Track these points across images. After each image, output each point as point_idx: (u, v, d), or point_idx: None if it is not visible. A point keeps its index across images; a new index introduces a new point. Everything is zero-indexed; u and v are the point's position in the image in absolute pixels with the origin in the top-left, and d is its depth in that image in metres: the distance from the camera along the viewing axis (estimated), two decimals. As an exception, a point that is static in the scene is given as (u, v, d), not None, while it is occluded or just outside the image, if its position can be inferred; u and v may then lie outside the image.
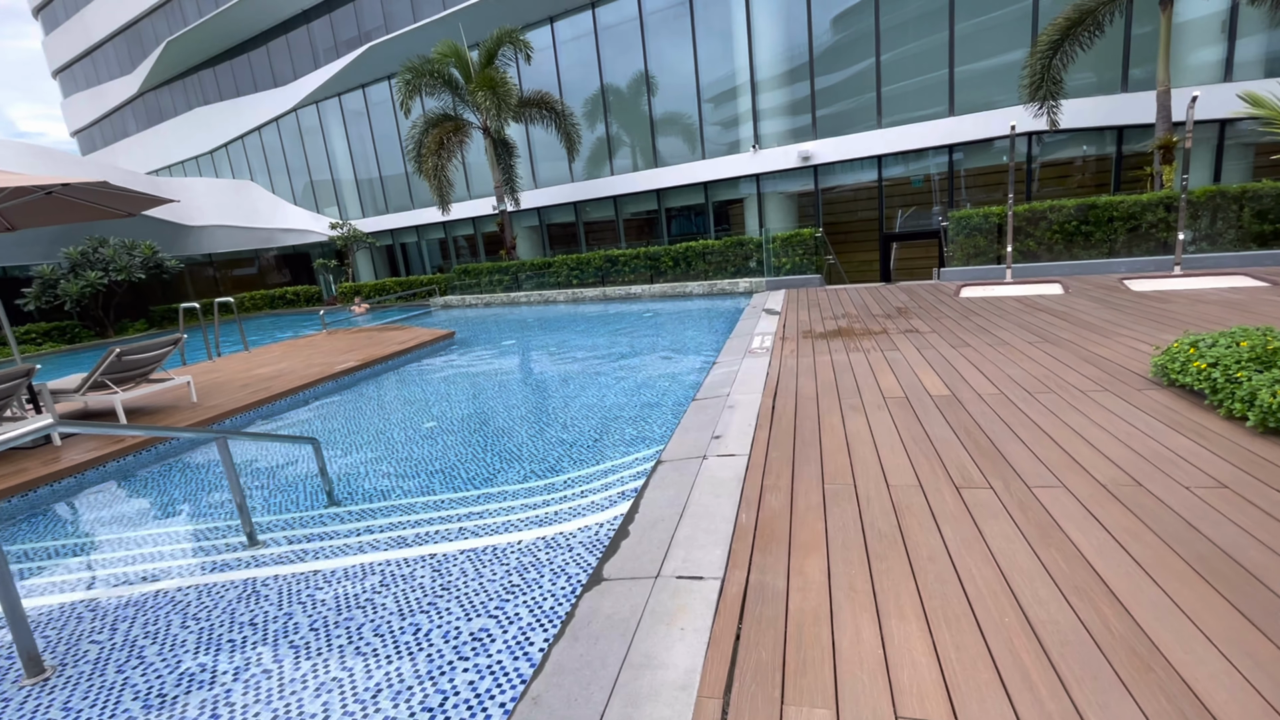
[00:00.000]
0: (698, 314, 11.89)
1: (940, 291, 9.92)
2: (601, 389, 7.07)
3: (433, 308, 18.55)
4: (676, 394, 6.55)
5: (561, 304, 15.83)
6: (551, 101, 17.78)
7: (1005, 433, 3.89)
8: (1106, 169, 14.17)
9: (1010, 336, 6.40)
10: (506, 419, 6.38)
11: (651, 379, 7.29)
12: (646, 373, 7.62)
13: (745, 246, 13.59)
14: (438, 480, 4.85)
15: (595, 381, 7.48)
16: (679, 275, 14.51)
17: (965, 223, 10.63)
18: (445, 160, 16.56)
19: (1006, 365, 5.37)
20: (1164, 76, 10.44)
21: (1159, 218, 9.39)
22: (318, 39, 27.13)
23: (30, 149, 23.55)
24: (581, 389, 7.24)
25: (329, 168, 28.71)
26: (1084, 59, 11.88)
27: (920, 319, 7.88)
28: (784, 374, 5.88)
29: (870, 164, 16.36)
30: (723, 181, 18.78)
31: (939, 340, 6.57)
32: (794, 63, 16.98)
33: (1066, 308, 7.58)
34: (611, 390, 6.96)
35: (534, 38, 21.14)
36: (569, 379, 7.80)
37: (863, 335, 7.25)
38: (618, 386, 7.09)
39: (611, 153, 20.68)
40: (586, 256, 15.66)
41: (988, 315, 7.68)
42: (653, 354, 8.69)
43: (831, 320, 8.49)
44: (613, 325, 11.75)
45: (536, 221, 23.11)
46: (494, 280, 17.54)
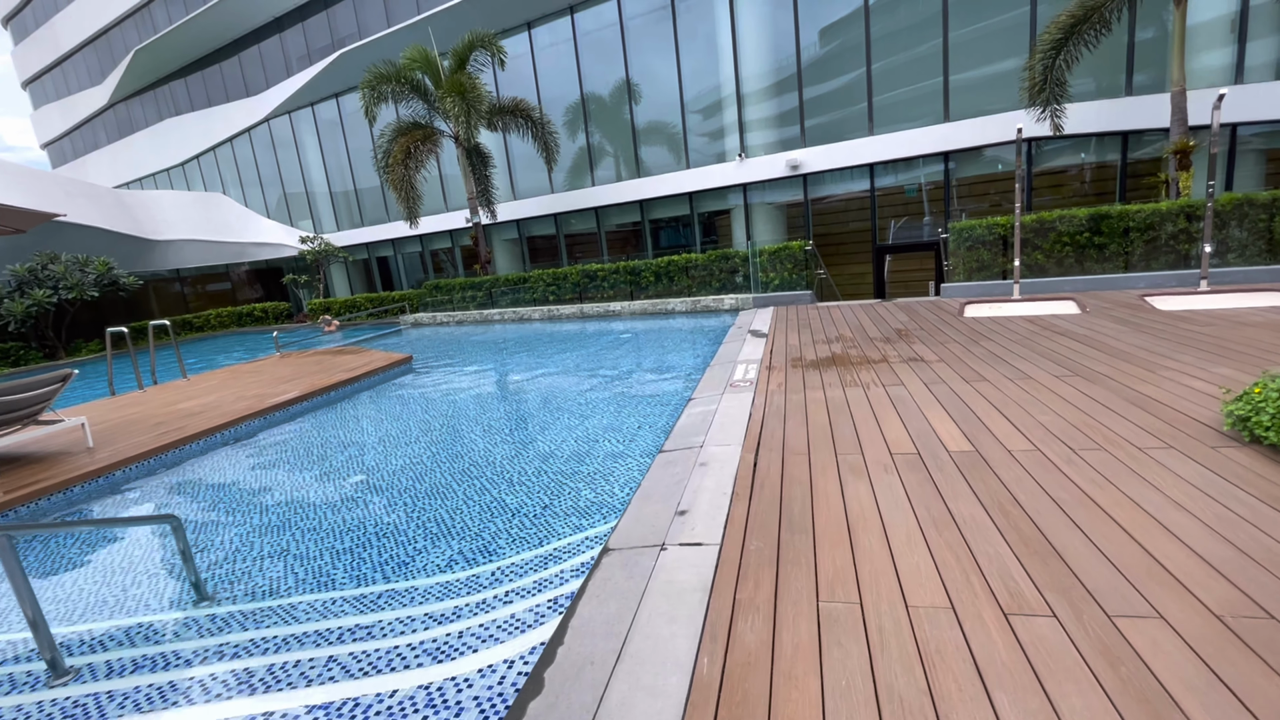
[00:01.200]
0: (678, 335, 10.97)
1: (942, 310, 9.05)
2: (561, 433, 6.11)
3: (403, 326, 17.55)
4: (645, 440, 5.60)
5: (536, 322, 14.88)
6: (528, 109, 16.93)
7: (1054, 513, 2.96)
8: (1110, 176, 13.43)
9: (1031, 368, 5.50)
10: (447, 472, 5.40)
11: (619, 420, 6.33)
12: (614, 411, 6.67)
13: (731, 260, 12.73)
14: (343, 565, 3.87)
15: (555, 422, 6.52)
16: (661, 291, 13.62)
17: (967, 234, 9.81)
18: (413, 170, 15.64)
19: (1035, 408, 4.46)
20: (1179, 76, 9.69)
21: (1179, 228, 8.59)
22: (290, 47, 26.28)
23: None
24: (539, 432, 6.28)
25: (303, 180, 27.75)
26: (1084, 62, 11.15)
27: (924, 344, 6.99)
28: (769, 416, 4.94)
29: (862, 173, 15.58)
30: (708, 192, 17.96)
31: (949, 372, 5.66)
32: (781, 67, 16.23)
33: (1088, 330, 6.71)
34: (572, 434, 6.00)
35: (511, 44, 20.37)
36: (526, 419, 6.83)
37: (860, 364, 6.34)
38: (580, 429, 6.13)
39: (593, 162, 19.84)
40: (563, 271, 14.75)
41: (999, 339, 6.80)
42: (624, 385, 7.74)
43: (824, 344, 7.58)
44: (586, 348, 10.82)
45: (516, 234, 22.20)
46: (467, 297, 16.58)
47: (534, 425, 6.49)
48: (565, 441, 5.77)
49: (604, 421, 6.26)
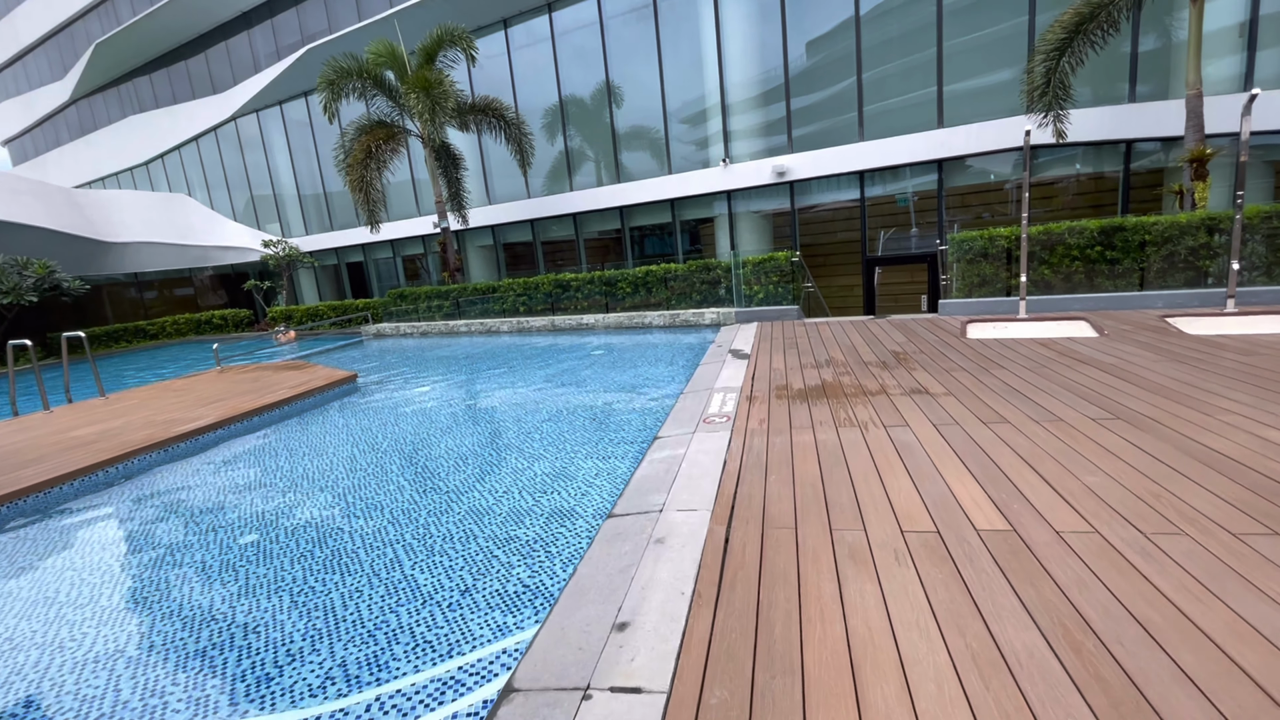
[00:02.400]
0: (653, 353, 10.05)
1: (942, 329, 8.21)
2: (505, 479, 5.15)
3: (364, 337, 16.47)
4: (600, 493, 4.65)
5: (505, 335, 13.89)
6: (500, 108, 16.02)
7: (1145, 647, 2.05)
8: (1110, 188, 12.77)
9: (1059, 406, 4.63)
10: (358, 533, 4.41)
11: (574, 463, 5.38)
12: (571, 450, 5.72)
13: (713, 271, 11.86)
14: (187, 673, 2.87)
15: (500, 465, 5.56)
16: (638, 303, 12.70)
17: (967, 247, 9.01)
18: (374, 172, 14.63)
19: (1077, 465, 3.57)
20: (1194, 78, 9.00)
21: (1200, 243, 7.84)
22: (259, 44, 25.19)
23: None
24: (479, 477, 5.30)
25: (271, 181, 26.57)
26: (1084, 68, 10.44)
27: (926, 371, 6.11)
28: (747, 466, 4.02)
29: (851, 181, 14.82)
30: (691, 199, 17.13)
31: (960, 409, 4.78)
32: (768, 70, 15.47)
33: (1113, 357, 5.88)
34: (518, 481, 5.04)
35: (486, 44, 19.47)
36: (467, 459, 5.85)
37: (855, 397, 5.44)
38: (527, 475, 5.17)
39: (571, 166, 18.94)
40: (535, 281, 13.79)
41: (1012, 366, 5.94)
42: (586, 416, 6.79)
43: (813, 369, 6.69)
44: (552, 366, 9.86)
45: (490, 240, 21.22)
46: (433, 307, 15.55)
47: (475, 468, 5.51)
48: (508, 493, 4.80)
49: (557, 464, 5.29)
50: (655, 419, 6.10)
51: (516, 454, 5.71)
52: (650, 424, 6.00)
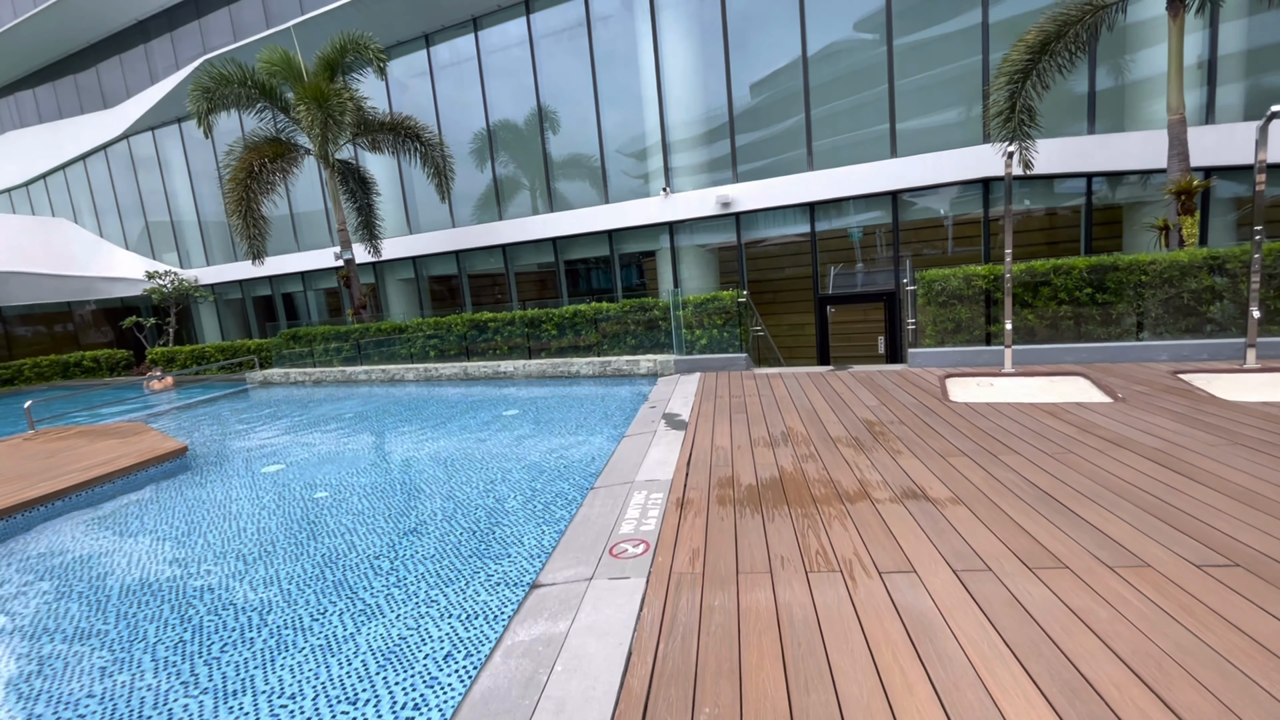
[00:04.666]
0: (574, 414, 8.31)
1: (918, 387, 6.81)
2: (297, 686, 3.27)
3: (249, 384, 14.10)
4: (443, 696, 2.84)
5: (410, 384, 11.88)
6: (416, 128, 14.29)
7: None
8: (1075, 223, 12.00)
9: (1130, 533, 3.12)
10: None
11: (410, 629, 3.54)
12: (412, 604, 3.88)
13: (649, 311, 10.30)
14: None
15: (300, 642, 3.67)
16: (565, 346, 10.98)
17: (940, 287, 7.74)
18: (257, 193, 12.57)
19: (1207, 664, 2.01)
20: (1176, 102, 8.13)
21: (1204, 285, 6.77)
22: (157, 56, 22.81)
23: None
24: (269, 660, 3.39)
25: (168, 207, 23.87)
26: (1048, 92, 9.59)
27: (915, 454, 4.60)
28: (664, 680, 2.30)
29: (801, 213, 13.68)
30: (631, 231, 15.69)
31: (982, 534, 3.22)
32: (710, 95, 14.35)
33: (1153, 437, 4.50)
34: (319, 683, 3.17)
35: (407, 62, 17.88)
36: (270, 609, 3.92)
37: (828, 504, 3.83)
38: (339, 656, 3.30)
39: (500, 194, 17.30)
40: (447, 321, 11.91)
41: (1025, 449, 4.49)
42: (454, 539, 4.94)
43: (766, 449, 5.08)
44: (445, 434, 7.99)
45: (411, 274, 19.21)
46: (330, 350, 13.41)
47: (266, 639, 3.61)
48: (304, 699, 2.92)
49: (364, 665, 3.45)
50: (544, 542, 4.33)
51: (312, 630, 3.83)
52: (535, 552, 4.22)
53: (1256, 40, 10.44)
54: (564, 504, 4.97)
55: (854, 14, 12.76)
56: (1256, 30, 10.46)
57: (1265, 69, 10.36)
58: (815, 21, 12.98)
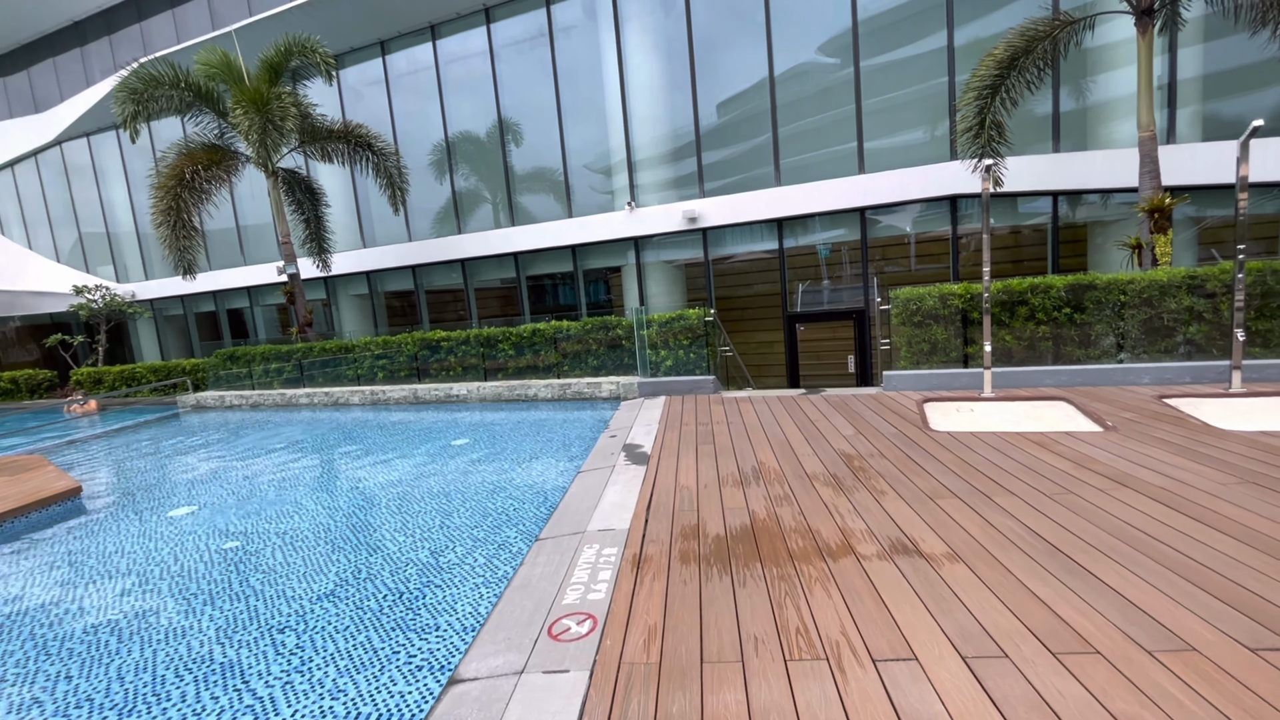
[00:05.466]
0: (529, 444, 7.67)
1: (895, 414, 6.38)
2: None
3: (181, 409, 13.04)
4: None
5: (355, 408, 11.05)
6: (368, 136, 13.58)
7: None
8: (1039, 242, 11.94)
9: (1158, 601, 2.65)
10: None
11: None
12: (315, 696, 3.20)
13: (612, 331, 9.75)
14: None
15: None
16: (523, 366, 10.34)
17: (915, 306, 7.39)
18: (189, 202, 11.66)
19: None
20: (1147, 119, 8.01)
21: (1183, 305, 6.55)
22: (93, 60, 21.60)
23: None
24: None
25: (104, 217, 22.48)
26: (1016, 109, 9.46)
27: (900, 494, 4.11)
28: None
29: (769, 229, 13.37)
30: (596, 246, 15.18)
31: (988, 601, 2.73)
32: (675, 108, 14.02)
33: (1153, 472, 4.11)
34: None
35: (363, 70, 17.18)
36: (128, 712, 3.19)
37: (807, 561, 3.30)
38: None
39: (458, 206, 16.62)
40: (395, 340, 11.15)
41: (1019, 487, 4.05)
42: (381, 593, 4.27)
43: (736, 490, 4.55)
44: (388, 466, 7.27)
45: (366, 289, 18.31)
46: (271, 371, 12.48)
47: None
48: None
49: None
50: (480, 609, 3.70)
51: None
52: (467, 623, 3.58)
53: (1214, 64, 10.57)
54: (508, 557, 4.34)
55: (820, 36, 12.64)
56: (1213, 55, 10.59)
57: (1225, 91, 10.47)
58: (782, 42, 12.80)
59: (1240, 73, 10.53)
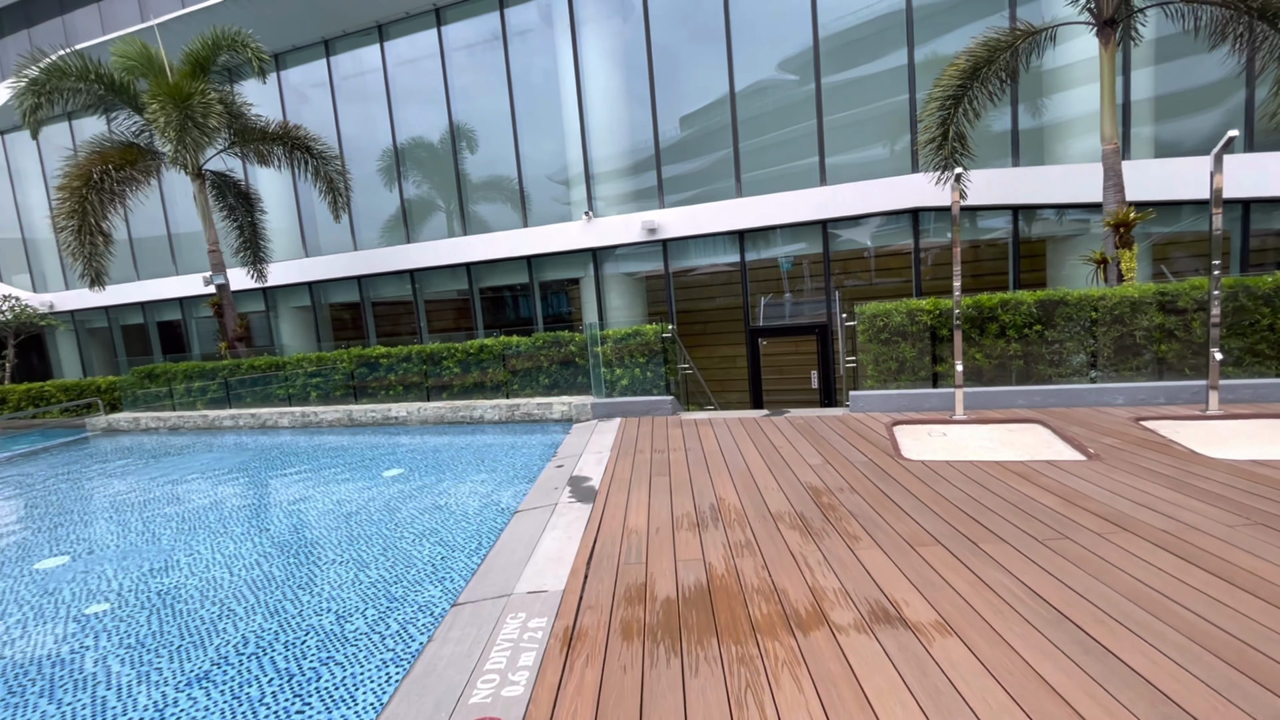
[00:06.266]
0: (468, 477, 6.97)
1: (864, 439, 5.94)
2: None
3: (90, 432, 11.83)
4: None
5: (285, 431, 10.13)
6: (305, 138, 12.71)
7: None
8: (999, 256, 11.85)
9: (1221, 712, 2.20)
10: None
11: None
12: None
13: (565, 347, 9.14)
14: None
15: None
16: (469, 388, 9.62)
17: (882, 323, 7.01)
18: (98, 206, 10.60)
19: None
20: (1111, 131, 7.87)
21: (1155, 323, 6.32)
22: (8, 55, 19.99)
23: None
24: None
25: (19, 222, 20.81)
26: (979, 119, 9.30)
27: (876, 540, 3.61)
28: None
29: (730, 241, 13.00)
30: (552, 257, 14.57)
31: (997, 697, 2.21)
32: (635, 109, 13.58)
33: (1157, 513, 3.71)
34: None
35: (307, 71, 16.29)
36: None
37: (771, 634, 2.74)
38: None
39: (407, 214, 15.81)
40: (330, 356, 10.29)
41: (1005, 529, 3.60)
42: (266, 676, 3.56)
43: (691, 534, 3.98)
44: (299, 505, 6.49)
45: (308, 301, 17.25)
46: (193, 390, 11.42)
47: None
48: None
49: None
50: (374, 709, 3.03)
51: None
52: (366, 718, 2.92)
53: (1166, 85, 10.67)
54: (427, 623, 3.67)
55: (781, 53, 12.44)
56: (1164, 75, 10.69)
57: (1175, 111, 10.56)
58: (743, 58, 12.52)
59: (1191, 94, 10.66)
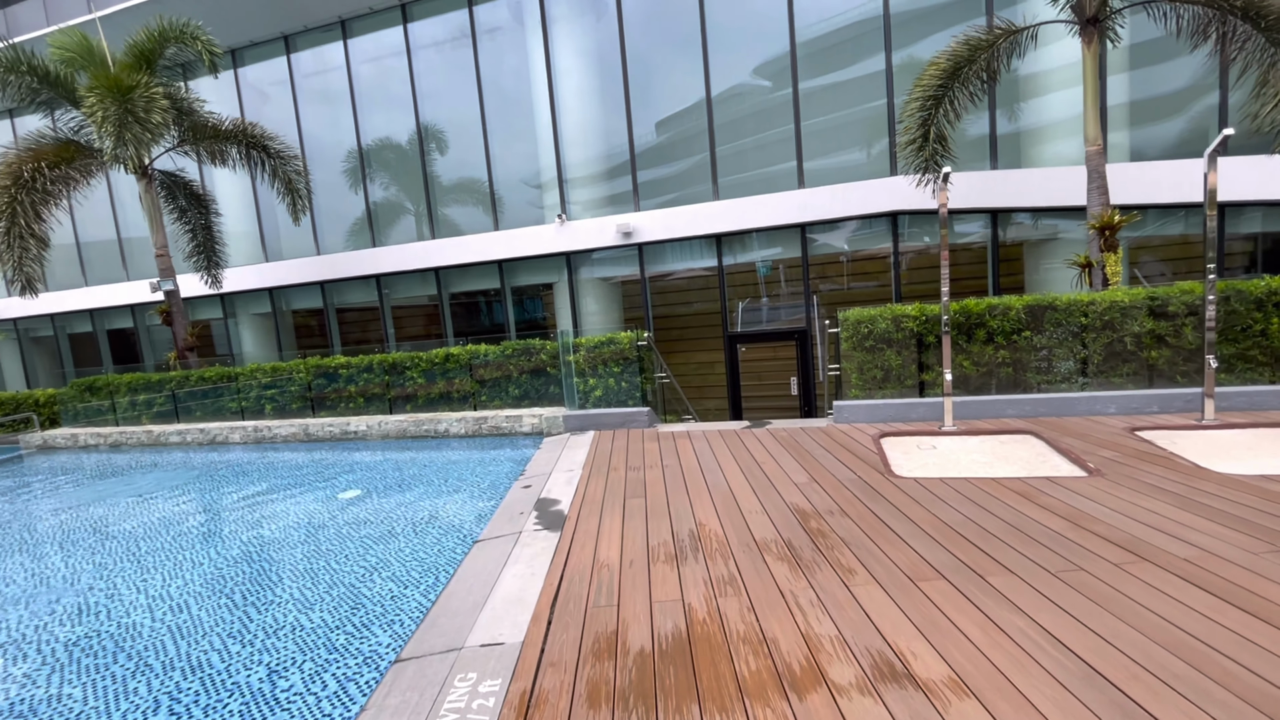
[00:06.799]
0: (428, 499, 6.49)
1: (852, 453, 5.61)
2: None
3: (24, 448, 11.01)
4: None
5: (235, 448, 9.49)
6: (261, 136, 12.07)
7: None
8: (977, 260, 11.71)
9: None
10: None
11: None
12: None
13: (535, 356, 8.69)
14: None
15: None
16: (434, 399, 9.11)
17: (866, 330, 6.72)
18: (31, 207, 9.87)
19: None
20: (1094, 133, 7.72)
21: (1145, 329, 6.13)
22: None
23: None
24: None
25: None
26: (960, 121, 9.12)
27: (874, 575, 3.25)
28: None
29: (708, 245, 12.69)
30: (525, 261, 14.10)
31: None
32: (610, 111, 13.21)
33: (1173, 538, 3.42)
34: None
35: (268, 68, 15.61)
36: None
37: (761, 699, 2.35)
38: None
39: (373, 217, 15.21)
40: (286, 367, 9.69)
41: (1022, 567, 3.27)
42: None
43: (668, 569, 3.58)
44: (241, 532, 5.95)
45: (269, 308, 16.50)
46: (138, 403, 10.69)
47: None
48: None
49: None
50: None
51: None
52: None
53: (1138, 90, 10.64)
54: (370, 678, 3.21)
55: (758, 58, 12.21)
56: (1136, 81, 10.66)
57: (1151, 115, 10.54)
58: (719, 62, 12.26)
59: (1161, 100, 10.64)
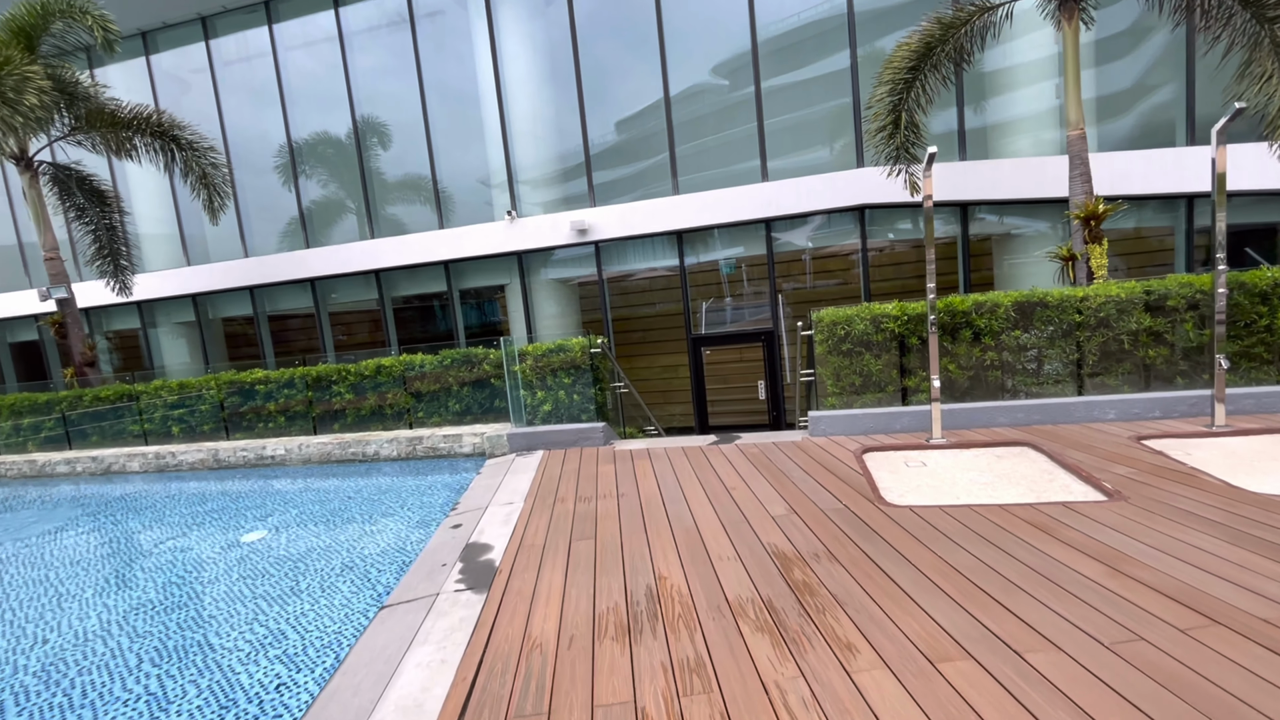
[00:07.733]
0: (345, 541, 5.53)
1: (833, 473, 4.92)
2: None
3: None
4: None
5: (135, 477, 8.30)
6: (170, 126, 10.83)
7: None
8: (947, 255, 11.28)
9: None
10: None
11: None
12: None
13: (478, 366, 7.80)
14: None
15: None
16: (366, 417, 8.12)
17: (843, 332, 6.06)
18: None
19: None
20: (1076, 116, 7.24)
21: (1143, 326, 5.63)
22: None
23: None
24: None
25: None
26: (932, 105, 8.61)
27: (880, 653, 2.51)
28: None
29: (668, 243, 11.96)
30: (473, 261, 13.13)
31: None
32: (562, 107, 12.37)
33: (1237, 585, 2.79)
34: None
35: (183, 55, 14.24)
36: None
37: None
38: None
39: (305, 216, 14.02)
40: (195, 383, 8.54)
41: (1067, 639, 2.58)
42: None
43: (618, 650, 2.77)
44: (111, 593, 4.94)
45: (192, 315, 15.09)
46: (24, 428, 9.35)
47: None
48: None
49: None
50: None
51: None
52: None
53: (1103, 85, 10.37)
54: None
55: (718, 56, 11.57)
56: (1101, 76, 10.40)
57: (1117, 108, 10.27)
58: (677, 60, 11.56)
59: (1122, 94, 10.41)
